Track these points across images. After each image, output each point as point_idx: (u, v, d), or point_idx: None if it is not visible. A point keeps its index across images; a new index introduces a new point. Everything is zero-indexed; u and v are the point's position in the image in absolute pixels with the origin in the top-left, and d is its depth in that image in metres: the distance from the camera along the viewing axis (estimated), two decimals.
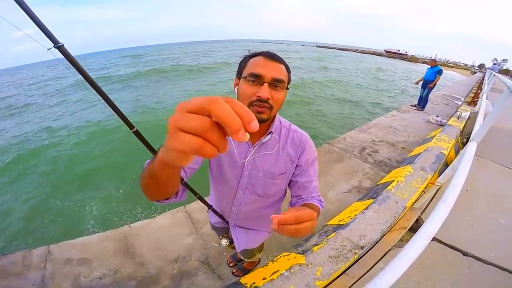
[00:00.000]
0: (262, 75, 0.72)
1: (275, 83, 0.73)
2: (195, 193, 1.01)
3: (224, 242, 1.32)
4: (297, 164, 0.91)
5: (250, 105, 0.74)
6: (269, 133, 0.86)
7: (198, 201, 2.44)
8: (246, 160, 0.89)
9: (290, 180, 0.95)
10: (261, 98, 0.72)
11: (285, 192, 1.04)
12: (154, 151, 0.78)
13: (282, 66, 0.77)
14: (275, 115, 0.86)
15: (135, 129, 0.83)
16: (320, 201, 0.91)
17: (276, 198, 1.02)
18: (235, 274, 1.82)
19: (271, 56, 0.76)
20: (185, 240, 2.10)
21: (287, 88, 0.79)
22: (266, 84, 0.72)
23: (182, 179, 0.82)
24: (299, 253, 1.53)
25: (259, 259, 1.91)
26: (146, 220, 2.36)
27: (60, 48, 0.60)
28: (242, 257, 1.52)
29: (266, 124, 0.83)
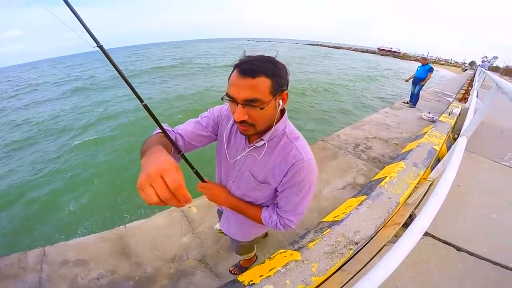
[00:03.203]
0: (235, 97, 0.70)
1: (249, 104, 0.69)
2: (192, 167, 0.99)
3: (218, 225, 1.35)
4: (281, 181, 0.86)
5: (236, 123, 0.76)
6: (260, 140, 0.86)
7: (195, 200, 2.43)
8: (239, 157, 0.93)
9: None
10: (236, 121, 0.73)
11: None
12: (160, 125, 0.82)
13: (259, 80, 0.68)
14: (273, 124, 0.81)
15: (144, 103, 0.83)
16: (281, 223, 0.91)
17: (260, 203, 1.00)
18: (232, 272, 1.84)
19: (244, 72, 0.68)
20: (182, 239, 2.11)
21: (275, 98, 0.73)
22: (240, 106, 0.70)
23: (180, 150, 0.87)
24: (295, 249, 1.55)
25: (256, 256, 1.93)
26: (142, 220, 2.35)
27: (101, 47, 0.75)
28: (235, 253, 1.55)
29: (264, 131, 0.82)
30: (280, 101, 0.75)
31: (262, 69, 0.68)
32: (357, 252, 1.62)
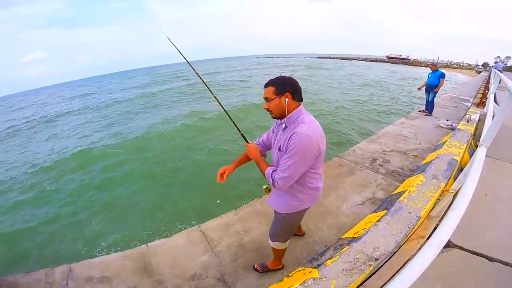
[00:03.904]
0: (263, 97, 1.33)
1: (266, 100, 1.32)
2: (239, 131, 1.66)
3: (265, 186, 1.67)
4: (286, 147, 1.28)
5: None
6: (282, 123, 1.38)
7: (213, 220, 2.48)
8: (277, 138, 1.43)
9: None
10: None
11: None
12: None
13: (269, 88, 1.30)
14: (285, 112, 1.29)
15: (214, 94, 1.79)
16: (272, 176, 1.32)
17: None
18: (255, 268, 1.96)
19: (264, 85, 1.33)
20: (201, 258, 2.13)
21: (279, 96, 1.27)
22: (265, 101, 1.33)
23: (240, 131, 1.64)
24: (314, 267, 1.53)
25: (283, 265, 1.97)
26: (163, 239, 2.42)
27: (188, 62, 1.81)
28: (270, 238, 1.74)
29: (281, 117, 1.33)
30: (286, 99, 1.27)
31: (270, 82, 1.32)
32: (379, 268, 1.58)
